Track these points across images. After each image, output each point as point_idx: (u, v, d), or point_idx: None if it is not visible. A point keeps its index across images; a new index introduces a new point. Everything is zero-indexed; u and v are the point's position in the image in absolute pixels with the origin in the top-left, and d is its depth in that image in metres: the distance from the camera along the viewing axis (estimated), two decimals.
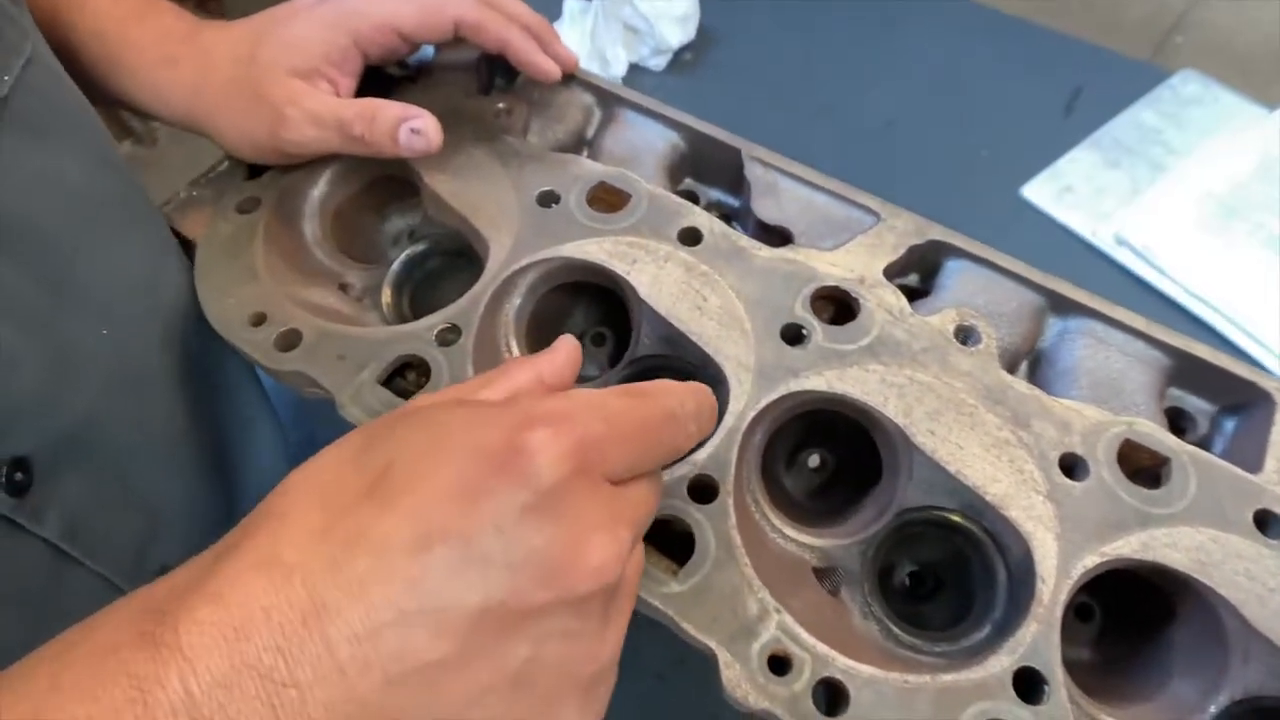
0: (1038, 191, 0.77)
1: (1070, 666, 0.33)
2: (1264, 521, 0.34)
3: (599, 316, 0.47)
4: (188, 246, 0.44)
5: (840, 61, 0.89)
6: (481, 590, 0.22)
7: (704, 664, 0.55)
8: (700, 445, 0.35)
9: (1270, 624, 0.32)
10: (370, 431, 0.26)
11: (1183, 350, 0.39)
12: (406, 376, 0.39)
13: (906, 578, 0.41)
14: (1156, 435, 0.36)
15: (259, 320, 0.39)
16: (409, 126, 0.41)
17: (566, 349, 0.31)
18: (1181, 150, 0.79)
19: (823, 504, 0.43)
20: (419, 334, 0.39)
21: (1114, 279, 0.71)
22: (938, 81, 0.87)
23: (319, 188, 0.45)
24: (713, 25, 0.87)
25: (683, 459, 0.35)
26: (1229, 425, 0.39)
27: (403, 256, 0.44)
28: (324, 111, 0.42)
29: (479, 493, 0.23)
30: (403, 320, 0.42)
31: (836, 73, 0.88)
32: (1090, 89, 0.84)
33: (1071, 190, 0.77)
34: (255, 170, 0.46)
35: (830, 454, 0.44)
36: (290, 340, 0.39)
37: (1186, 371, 0.39)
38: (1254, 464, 0.36)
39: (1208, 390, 0.40)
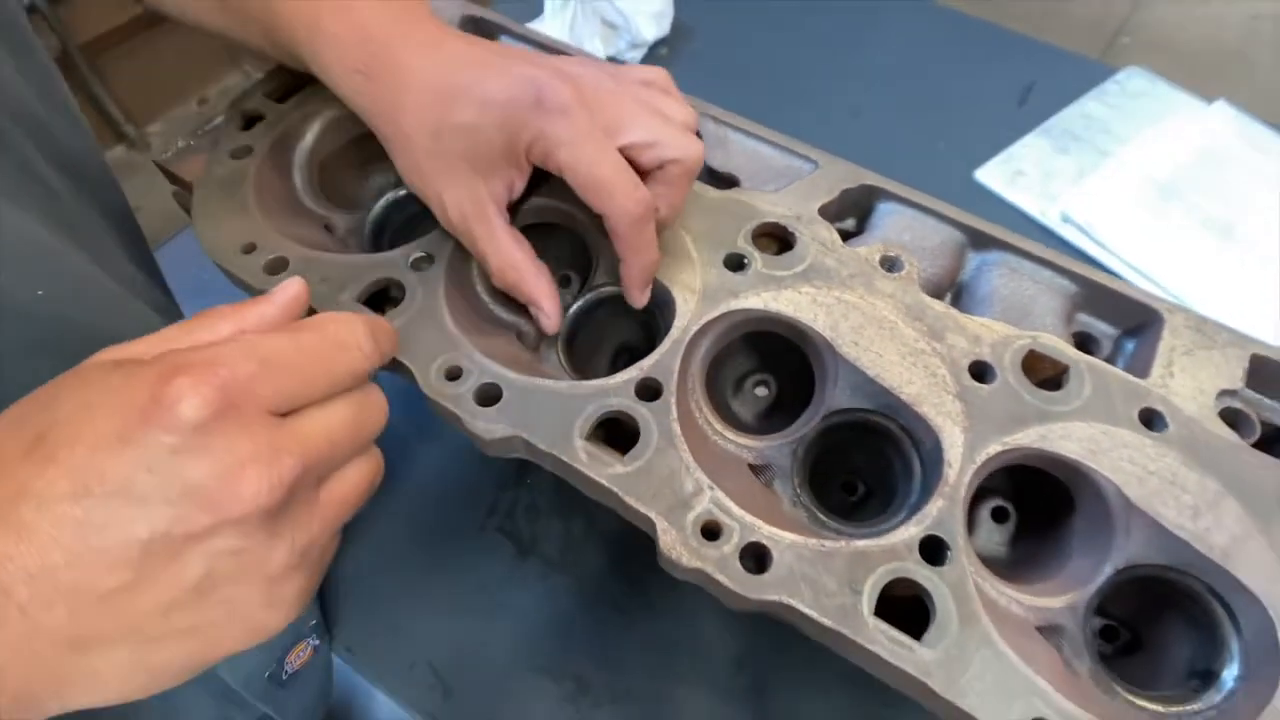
0: (990, 175, 0.82)
1: (989, 562, 0.37)
2: (1148, 418, 0.38)
3: (566, 259, 0.51)
4: (186, 187, 0.48)
5: (809, 56, 0.94)
6: (145, 524, 0.25)
7: (663, 598, 0.58)
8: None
9: (1147, 501, 0.35)
10: (29, 400, 0.28)
11: (1084, 276, 0.43)
12: (389, 296, 0.43)
13: (840, 487, 0.45)
14: (1059, 347, 0.40)
15: (249, 249, 0.44)
16: (536, 310, 0.42)
17: (286, 293, 0.33)
18: (1126, 139, 0.84)
19: (766, 424, 0.46)
20: (395, 260, 0.43)
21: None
22: (901, 75, 0.92)
23: (307, 140, 0.50)
24: (686, 21, 0.93)
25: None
26: (1129, 346, 0.43)
27: (384, 200, 0.49)
28: (480, 244, 0.41)
29: (128, 441, 0.26)
30: None
31: (805, 66, 0.93)
32: (1042, 83, 0.90)
33: (1022, 174, 0.82)
34: (248, 123, 0.50)
35: (773, 380, 0.48)
36: (277, 266, 0.43)
37: (1090, 297, 0.44)
38: (1144, 373, 0.40)
39: (1110, 315, 0.44)
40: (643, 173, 0.39)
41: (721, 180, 0.49)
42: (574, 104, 0.37)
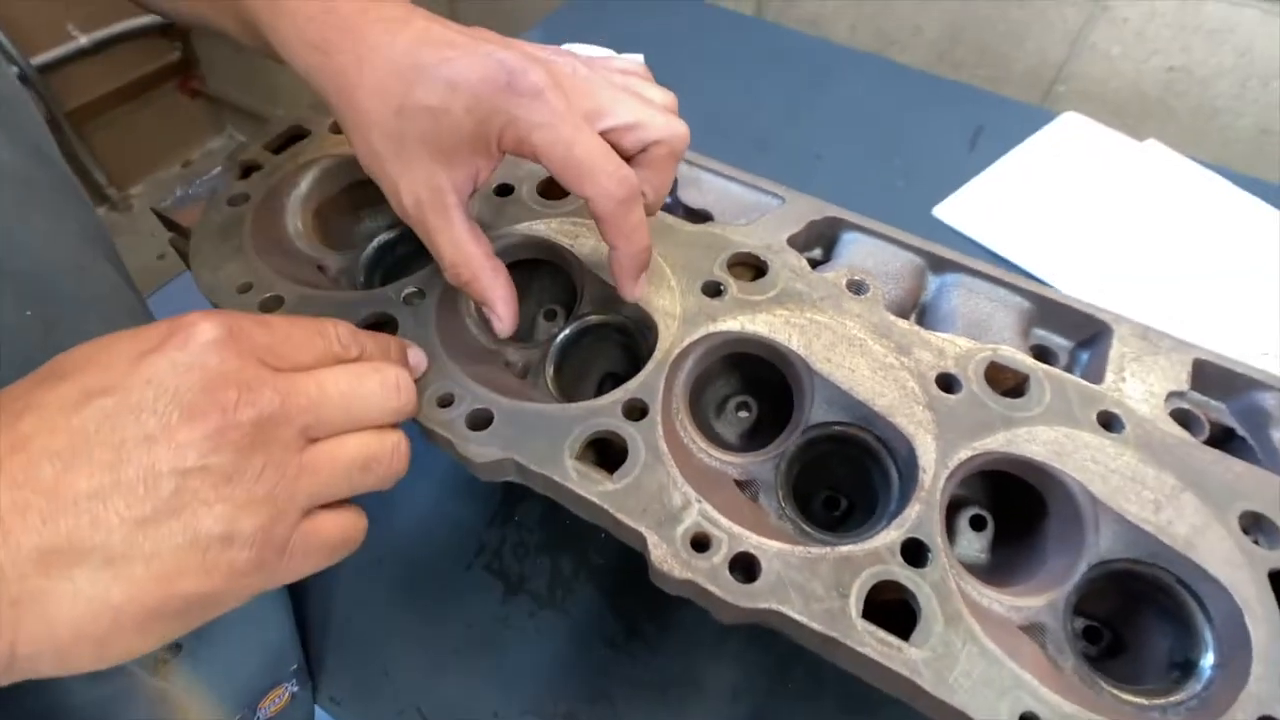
0: (947, 211, 0.87)
1: (971, 569, 0.39)
2: (1105, 420, 0.40)
3: (552, 294, 0.53)
4: (184, 233, 0.49)
5: (771, 107, 0.99)
6: (133, 428, 0.27)
7: (656, 632, 0.58)
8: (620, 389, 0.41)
9: (1111, 496, 0.37)
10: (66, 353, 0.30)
11: (1034, 292, 0.46)
12: (382, 330, 0.45)
13: (822, 503, 0.46)
14: (1018, 357, 0.42)
15: (245, 288, 0.45)
16: (490, 312, 0.42)
17: (413, 354, 0.39)
18: (1067, 174, 0.89)
19: (749, 444, 0.48)
20: (388, 296, 0.45)
21: None
22: (859, 123, 0.97)
23: (302, 187, 0.52)
24: (658, 78, 0.98)
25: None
26: (1083, 356, 0.46)
27: (376, 241, 0.50)
28: (435, 236, 0.39)
29: (140, 359, 0.29)
30: None
31: (767, 117, 0.99)
32: (990, 128, 0.96)
33: (977, 211, 0.87)
34: (246, 173, 0.52)
35: (754, 402, 0.49)
36: (273, 304, 0.44)
37: (1043, 312, 0.46)
38: (1099, 379, 0.42)
39: (1062, 328, 0.47)
40: (626, 157, 0.38)
41: (696, 215, 0.51)
42: (549, 86, 0.36)
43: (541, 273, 0.52)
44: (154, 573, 0.27)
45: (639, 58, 0.45)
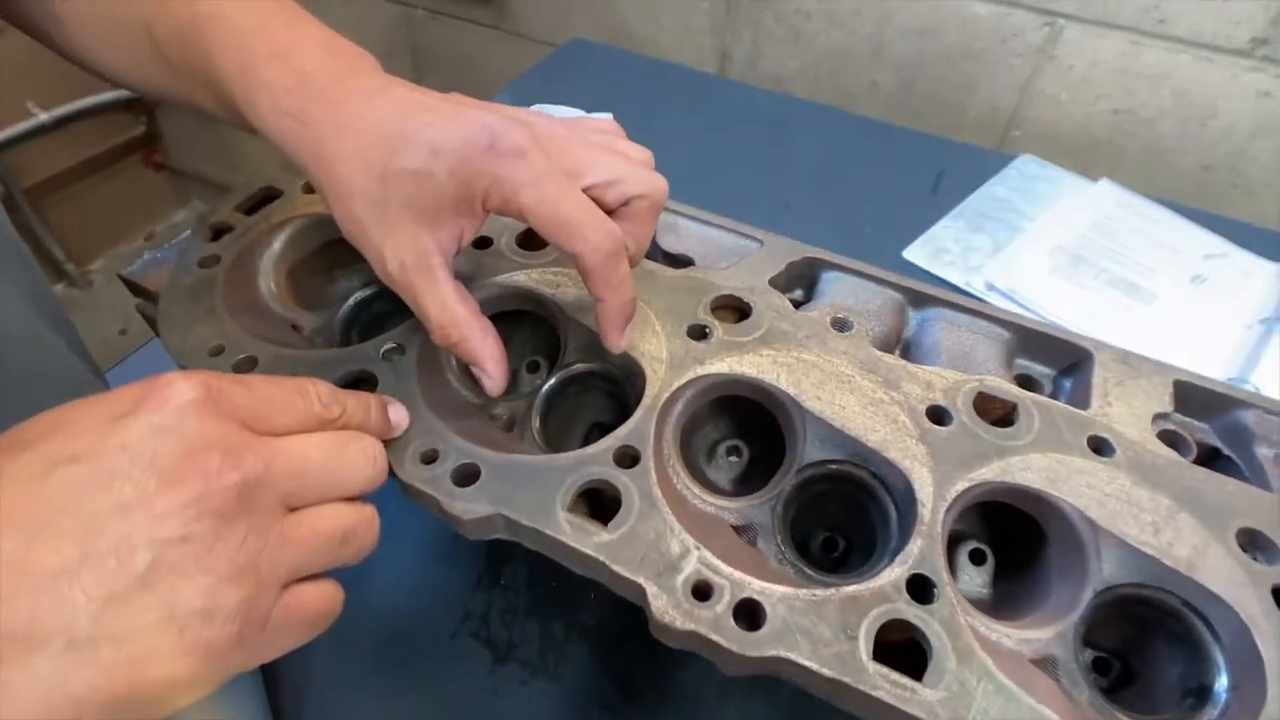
0: (916, 253, 0.89)
1: (974, 604, 0.38)
2: (1096, 445, 0.40)
3: (535, 346, 0.53)
4: (151, 298, 0.48)
5: (737, 161, 1.02)
6: (106, 498, 0.25)
7: (654, 695, 0.56)
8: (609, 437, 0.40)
9: (1110, 521, 0.37)
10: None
11: (1014, 323, 0.46)
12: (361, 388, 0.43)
13: (820, 545, 0.45)
14: (1004, 387, 0.43)
15: (217, 351, 0.44)
16: (479, 371, 0.42)
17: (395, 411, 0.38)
18: (1031, 215, 0.92)
19: (742, 489, 0.47)
20: (366, 352, 0.44)
21: None
22: (824, 173, 1.00)
23: (275, 247, 0.51)
24: (629, 136, 1.00)
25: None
26: (1067, 384, 0.47)
27: (352, 299, 0.50)
28: (420, 298, 0.39)
29: (112, 424, 0.27)
30: None
31: (734, 171, 1.01)
32: (951, 172, 0.99)
33: (945, 251, 0.89)
34: (216, 235, 0.51)
35: (745, 447, 0.49)
36: (247, 365, 0.43)
37: (1024, 342, 0.47)
38: (1085, 405, 0.43)
39: (1044, 357, 0.47)
40: (608, 211, 0.39)
41: (676, 261, 0.51)
42: (530, 146, 0.37)
43: (523, 324, 0.51)
44: (124, 656, 0.25)
45: (608, 116, 0.46)
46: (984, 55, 0.97)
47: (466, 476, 0.39)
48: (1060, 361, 0.47)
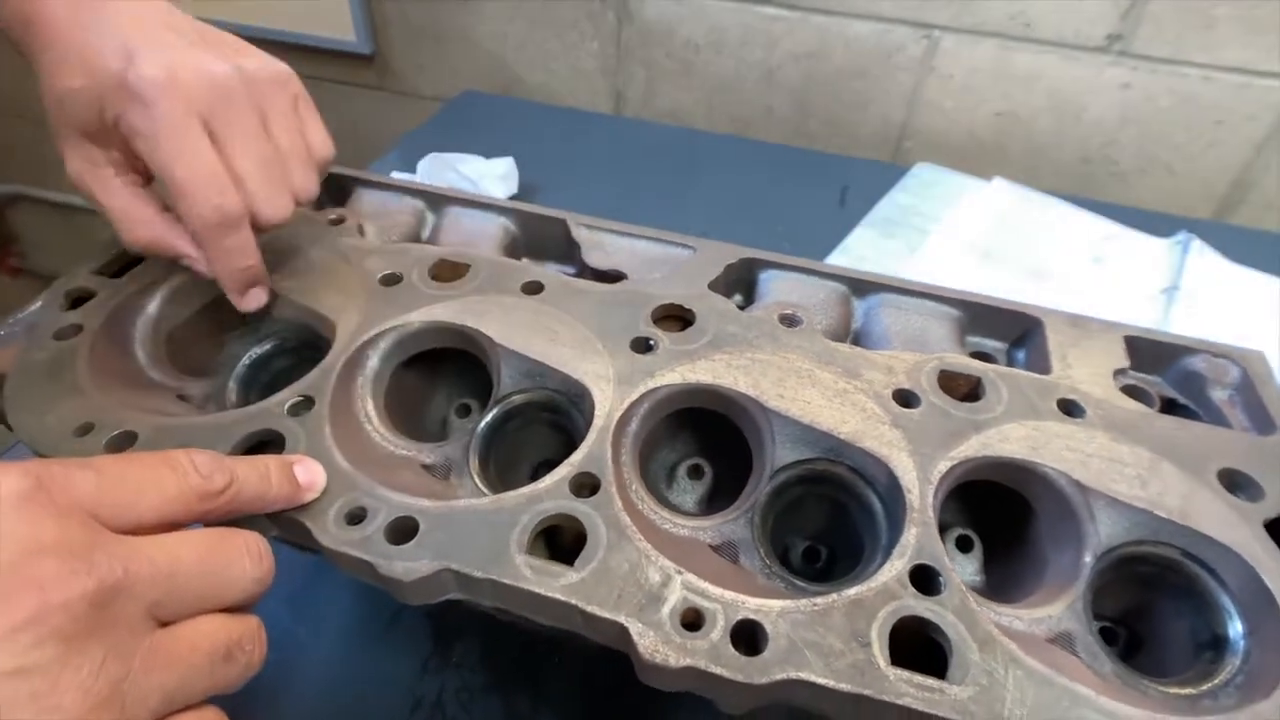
0: (836, 262, 0.89)
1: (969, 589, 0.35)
2: (1066, 407, 0.39)
3: (461, 389, 0.48)
4: None
5: (649, 195, 1.01)
6: None
7: None
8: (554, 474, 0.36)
9: (1097, 480, 0.36)
10: None
11: (960, 299, 0.46)
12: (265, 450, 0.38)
13: (801, 556, 0.42)
14: (964, 361, 0.41)
15: (85, 429, 0.37)
16: (187, 259, 0.41)
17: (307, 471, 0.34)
18: (935, 217, 0.95)
19: (709, 508, 0.43)
20: (269, 410, 0.38)
21: None
22: (736, 197, 1.01)
23: (150, 311, 0.45)
24: (531, 180, 0.98)
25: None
26: (1020, 355, 0.46)
27: (247, 357, 0.44)
28: (99, 203, 0.40)
29: None
30: None
31: (648, 205, 0.99)
32: (854, 186, 1.01)
33: (863, 259, 0.90)
34: (75, 303, 0.44)
35: (707, 464, 0.45)
36: (123, 441, 0.36)
37: (973, 318, 0.46)
38: (1045, 371, 0.42)
39: (994, 330, 0.46)
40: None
41: (606, 277, 0.48)
42: (163, 90, 0.36)
43: (445, 367, 0.46)
44: None
45: (509, 160, 0.46)
46: (870, 72, 1.01)
47: (402, 532, 0.33)
48: (1010, 333, 0.46)
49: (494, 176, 0.94)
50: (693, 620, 0.31)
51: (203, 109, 0.37)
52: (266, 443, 0.38)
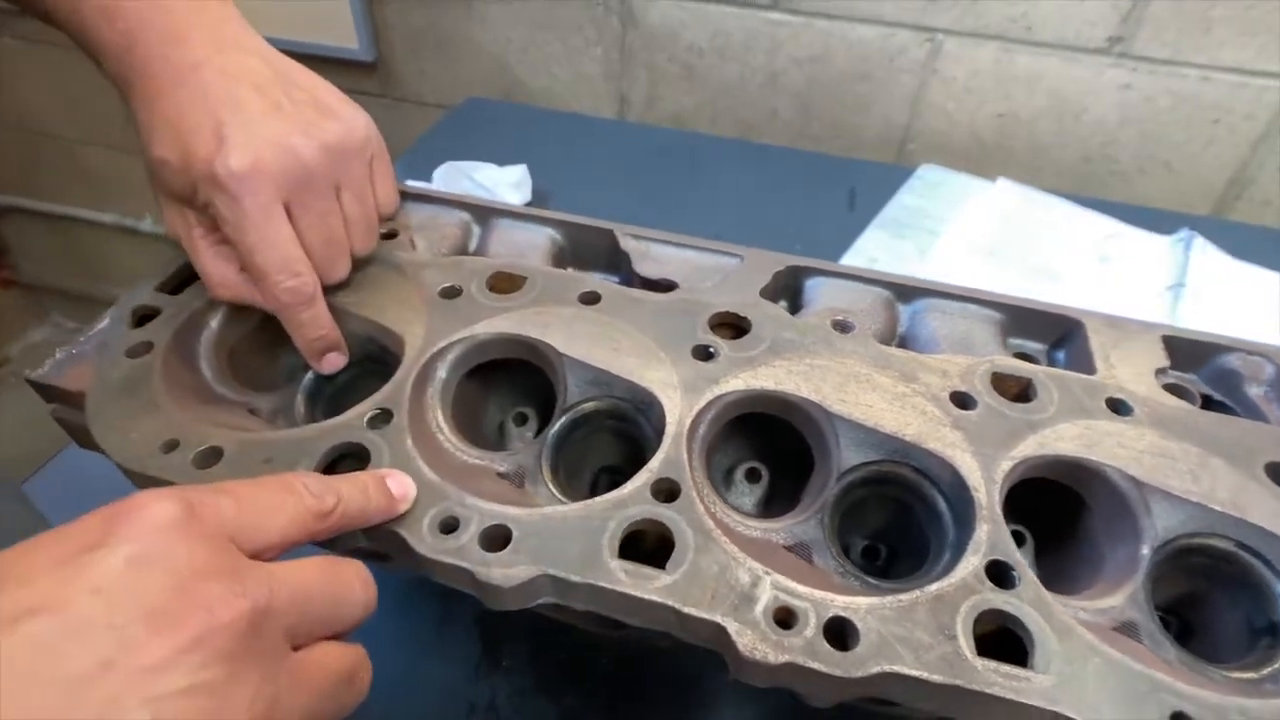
0: (850, 263, 0.91)
1: None
2: (1115, 406, 0.41)
3: (516, 398, 0.49)
4: (72, 400, 0.41)
5: (660, 201, 1.02)
6: (81, 654, 0.21)
7: None
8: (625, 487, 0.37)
9: (1152, 475, 0.37)
10: None
11: (1004, 303, 0.47)
12: (339, 469, 0.38)
13: (861, 554, 0.43)
14: (1015, 364, 0.43)
15: (171, 446, 0.37)
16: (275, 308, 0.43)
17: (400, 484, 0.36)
18: (942, 218, 0.97)
19: (766, 512, 0.45)
20: (349, 423, 0.39)
21: None
22: (745, 202, 1.02)
23: (212, 327, 0.45)
24: (541, 186, 0.98)
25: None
26: (1059, 356, 0.48)
27: (312, 371, 0.44)
28: (192, 260, 0.43)
29: (74, 563, 0.22)
30: None
31: (659, 211, 1.01)
32: (862, 189, 1.03)
33: (876, 260, 0.92)
34: (140, 321, 0.45)
35: (764, 469, 0.46)
36: (209, 457, 0.37)
37: (1015, 320, 0.48)
38: (1090, 372, 0.43)
39: (1034, 332, 0.48)
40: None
41: (658, 286, 0.49)
42: (248, 185, 0.39)
43: (497, 378, 0.47)
44: None
45: (522, 167, 0.48)
46: (874, 75, 1.03)
47: (497, 540, 0.34)
48: (1050, 335, 0.48)
49: (508, 184, 0.95)
50: (785, 618, 0.32)
51: (285, 194, 0.40)
52: (348, 455, 0.38)
